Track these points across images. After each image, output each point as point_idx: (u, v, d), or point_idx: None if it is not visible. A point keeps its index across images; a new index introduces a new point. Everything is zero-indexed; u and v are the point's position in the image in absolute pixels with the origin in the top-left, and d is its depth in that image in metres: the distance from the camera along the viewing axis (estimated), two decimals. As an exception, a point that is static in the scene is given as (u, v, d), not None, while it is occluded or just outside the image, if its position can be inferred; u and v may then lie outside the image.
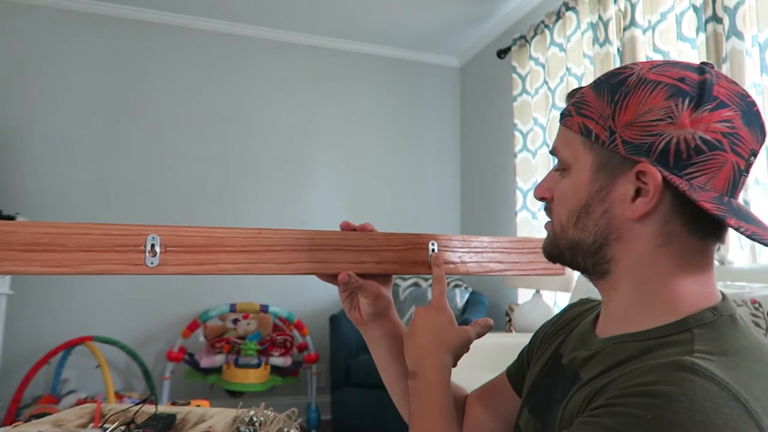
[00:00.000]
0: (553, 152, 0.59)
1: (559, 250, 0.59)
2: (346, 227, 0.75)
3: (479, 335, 0.74)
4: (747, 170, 0.51)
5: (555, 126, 2.67)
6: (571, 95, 0.59)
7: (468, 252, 0.79)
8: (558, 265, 0.62)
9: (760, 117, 0.51)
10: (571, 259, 0.58)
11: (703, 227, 0.51)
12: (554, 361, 0.63)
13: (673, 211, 0.50)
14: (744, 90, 0.51)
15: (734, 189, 0.50)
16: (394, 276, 0.79)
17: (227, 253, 0.65)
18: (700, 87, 0.49)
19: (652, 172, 0.49)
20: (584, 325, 0.62)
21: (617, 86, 0.52)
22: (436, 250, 0.77)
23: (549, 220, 0.61)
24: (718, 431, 0.38)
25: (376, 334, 0.77)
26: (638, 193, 0.51)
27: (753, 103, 0.51)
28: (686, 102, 0.49)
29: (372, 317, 0.76)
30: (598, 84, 0.55)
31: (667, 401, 0.39)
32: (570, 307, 0.72)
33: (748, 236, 0.48)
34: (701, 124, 0.48)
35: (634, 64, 0.54)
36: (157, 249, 0.62)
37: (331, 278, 0.73)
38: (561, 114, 0.59)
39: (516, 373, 0.74)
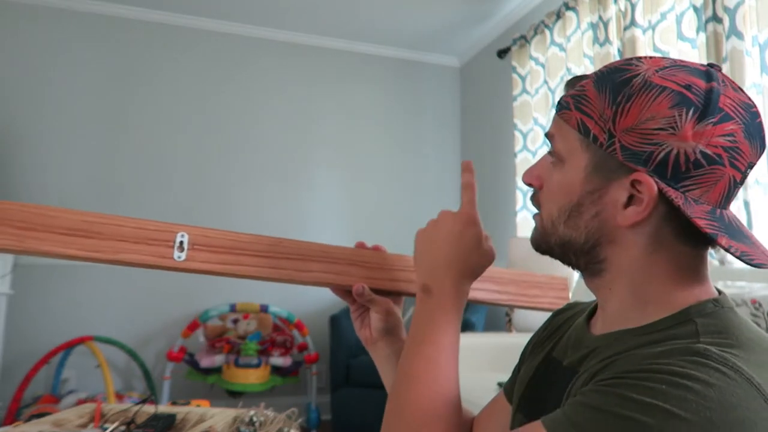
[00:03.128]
0: (548, 137, 0.57)
1: (549, 246, 0.57)
2: (361, 246, 0.76)
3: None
4: (742, 182, 0.51)
5: (555, 126, 2.67)
6: (571, 84, 0.56)
7: (480, 281, 0.78)
8: (562, 299, 0.61)
9: (762, 129, 0.50)
10: (562, 256, 0.57)
11: (694, 237, 0.50)
12: (547, 365, 0.62)
13: (665, 221, 0.50)
14: (749, 99, 0.51)
15: (727, 201, 0.50)
16: (404, 297, 0.79)
17: (249, 257, 0.68)
18: (707, 97, 0.48)
19: (648, 183, 0.48)
20: (577, 327, 0.62)
21: (621, 86, 0.50)
22: None
23: (536, 211, 0.59)
24: (733, 410, 0.38)
25: (384, 353, 0.76)
26: (630, 200, 0.50)
27: (756, 114, 0.50)
28: (690, 113, 0.47)
29: (382, 334, 0.75)
30: (600, 79, 0.52)
31: (682, 378, 0.40)
32: (557, 314, 0.71)
33: (737, 257, 0.48)
34: (703, 138, 0.47)
35: (639, 60, 0.52)
36: (185, 246, 0.66)
37: (345, 294, 0.74)
38: (558, 103, 0.56)
39: (511, 389, 0.72)
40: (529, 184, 0.59)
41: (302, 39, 3.53)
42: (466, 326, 2.81)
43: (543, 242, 0.58)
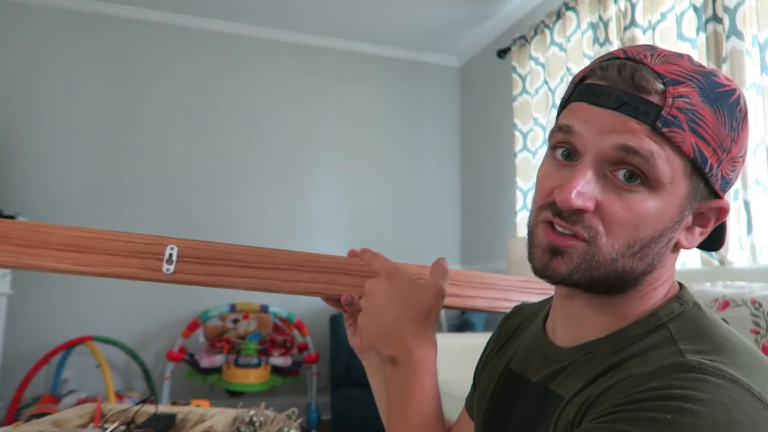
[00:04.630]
0: (631, 152, 0.44)
1: (590, 279, 0.47)
2: (353, 255, 0.75)
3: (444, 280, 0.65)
4: None
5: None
6: (654, 85, 0.44)
7: (473, 287, 0.79)
8: None
9: None
10: (594, 287, 0.48)
11: None
12: (508, 379, 0.59)
13: None
14: None
15: None
16: None
17: (238, 268, 0.69)
18: None
19: (726, 208, 0.48)
20: (534, 336, 0.58)
21: (733, 109, 0.45)
22: None
23: (574, 234, 0.46)
24: (741, 428, 0.37)
25: (375, 361, 0.75)
26: (693, 220, 0.49)
27: None
28: None
29: None
30: (708, 94, 0.44)
31: (686, 402, 0.37)
32: (506, 319, 0.69)
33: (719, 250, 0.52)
34: None
35: (714, 71, 0.47)
36: (174, 258, 0.67)
37: (336, 303, 0.73)
38: (645, 111, 0.43)
39: (472, 404, 0.69)
40: (583, 210, 0.45)
41: (302, 39, 3.53)
42: (466, 326, 2.81)
43: (586, 275, 0.47)
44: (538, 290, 0.81)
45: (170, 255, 0.67)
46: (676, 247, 0.49)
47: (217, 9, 3.23)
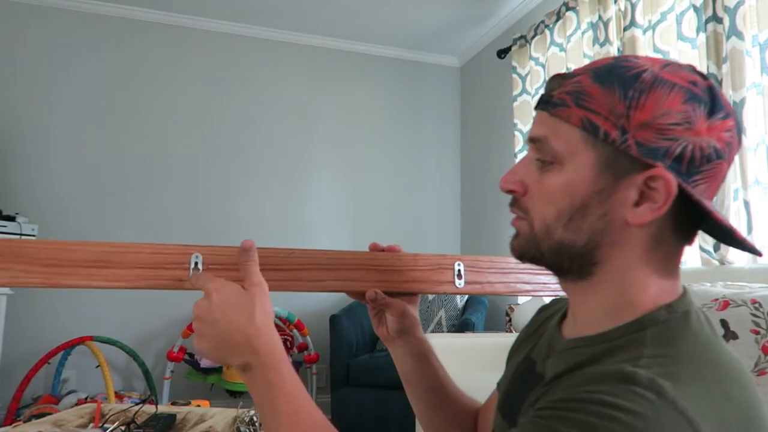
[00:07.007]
0: (533, 141, 0.54)
1: (540, 252, 0.54)
2: (375, 248, 0.77)
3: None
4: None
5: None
6: (558, 81, 0.53)
7: (495, 273, 0.80)
8: None
9: (742, 128, 0.52)
10: (553, 261, 0.54)
11: (686, 232, 0.52)
12: (526, 366, 0.62)
13: (668, 216, 0.49)
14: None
15: (715, 196, 0.52)
16: (420, 295, 0.81)
17: (263, 271, 0.68)
18: (710, 94, 0.49)
19: (668, 179, 0.47)
20: (551, 329, 0.62)
21: (630, 81, 0.48)
22: (462, 271, 0.79)
23: (517, 215, 0.57)
24: None
25: (401, 351, 0.78)
26: (641, 196, 0.49)
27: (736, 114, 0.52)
28: (701, 108, 0.48)
29: (398, 334, 0.77)
30: (601, 75, 0.50)
31: (611, 409, 0.40)
32: (542, 309, 0.71)
33: (750, 248, 0.51)
34: (714, 133, 0.48)
35: (636, 57, 0.52)
36: (200, 267, 0.68)
37: (360, 296, 0.75)
38: (546, 101, 0.53)
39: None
40: (511, 191, 0.56)
41: (302, 39, 3.53)
42: (466, 326, 2.81)
43: (532, 249, 0.55)
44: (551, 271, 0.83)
45: (195, 263, 0.67)
46: (623, 224, 0.50)
47: (217, 9, 3.23)
